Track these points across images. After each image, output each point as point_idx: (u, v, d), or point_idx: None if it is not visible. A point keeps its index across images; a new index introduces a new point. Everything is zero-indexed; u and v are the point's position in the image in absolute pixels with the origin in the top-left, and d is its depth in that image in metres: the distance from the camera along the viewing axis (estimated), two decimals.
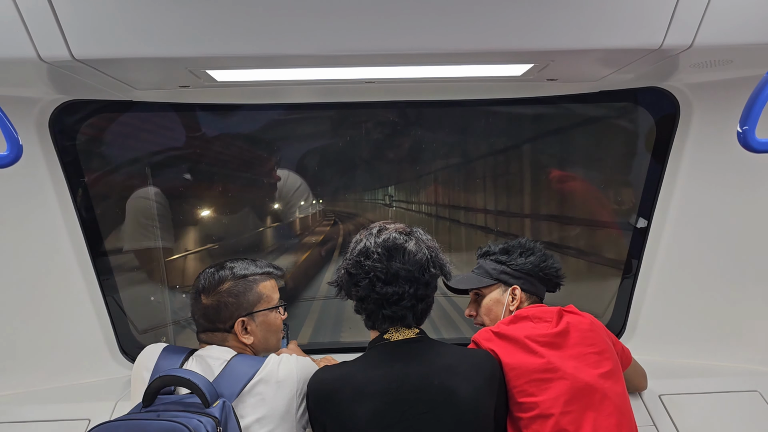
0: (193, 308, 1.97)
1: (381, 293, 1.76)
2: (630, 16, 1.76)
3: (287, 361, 1.88)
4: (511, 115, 3.17)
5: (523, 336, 1.92)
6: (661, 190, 2.69)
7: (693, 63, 2.12)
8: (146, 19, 1.70)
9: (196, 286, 1.97)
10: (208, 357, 1.86)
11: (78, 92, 2.34)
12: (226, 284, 1.94)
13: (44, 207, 2.47)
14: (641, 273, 2.82)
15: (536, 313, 2.03)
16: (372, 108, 2.93)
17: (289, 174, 3.37)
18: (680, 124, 2.56)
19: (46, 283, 2.56)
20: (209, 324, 1.95)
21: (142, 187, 2.98)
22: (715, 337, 2.72)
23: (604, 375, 1.87)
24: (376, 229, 1.87)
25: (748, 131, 1.15)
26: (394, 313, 1.78)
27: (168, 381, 1.71)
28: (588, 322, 2.00)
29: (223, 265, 2.01)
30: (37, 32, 1.68)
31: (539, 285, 2.21)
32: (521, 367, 1.86)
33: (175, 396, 1.75)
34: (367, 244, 1.80)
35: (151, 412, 1.66)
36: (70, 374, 2.66)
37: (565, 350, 1.91)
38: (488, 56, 1.94)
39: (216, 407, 1.66)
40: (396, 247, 1.78)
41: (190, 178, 3.15)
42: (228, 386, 1.75)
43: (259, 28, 1.76)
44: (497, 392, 1.81)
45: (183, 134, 3.00)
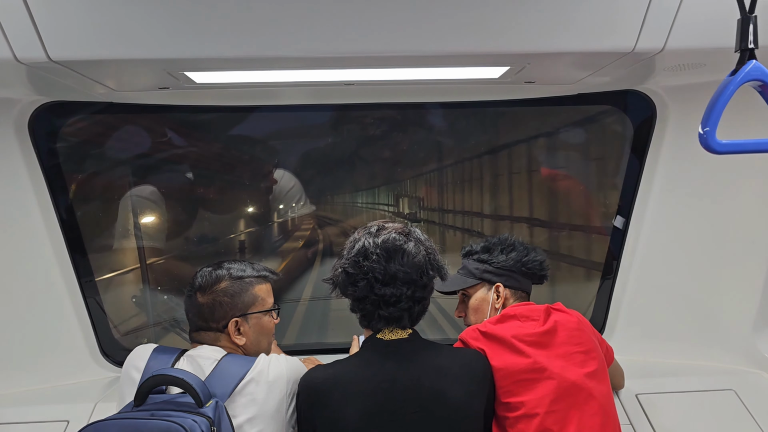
0: (188, 306, 1.97)
1: (379, 294, 1.74)
2: (603, 19, 1.80)
3: (277, 361, 1.89)
4: (490, 119, 3.20)
5: (509, 335, 1.91)
6: (639, 191, 2.72)
7: (667, 66, 2.16)
8: (123, 20, 1.70)
9: (192, 285, 1.97)
10: (199, 357, 1.86)
11: (57, 93, 2.34)
12: (222, 284, 1.95)
13: (24, 208, 2.46)
14: (620, 273, 2.84)
15: (523, 312, 2.02)
16: (351, 110, 2.94)
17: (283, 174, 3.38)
18: (657, 126, 2.60)
19: (26, 284, 2.55)
20: (203, 323, 1.94)
21: (124, 187, 2.98)
22: (691, 337, 2.75)
23: (590, 375, 1.87)
24: (375, 228, 1.84)
25: (709, 133, 1.17)
26: (391, 315, 1.77)
27: (161, 380, 1.71)
28: (576, 321, 2.00)
29: (220, 264, 2.01)
30: (12, 33, 1.68)
31: (523, 280, 2.20)
32: (508, 368, 1.86)
33: (167, 395, 1.74)
34: (366, 244, 1.78)
35: (143, 411, 1.66)
36: (50, 376, 2.64)
37: (552, 349, 1.91)
38: (465, 59, 1.97)
39: (209, 407, 1.65)
40: (395, 248, 1.76)
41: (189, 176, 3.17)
42: (219, 386, 1.75)
43: (236, 30, 1.77)
44: (487, 393, 1.82)
45: (162, 135, 3.00)
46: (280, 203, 3.44)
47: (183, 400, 1.69)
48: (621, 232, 2.84)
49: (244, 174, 3.42)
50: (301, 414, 1.77)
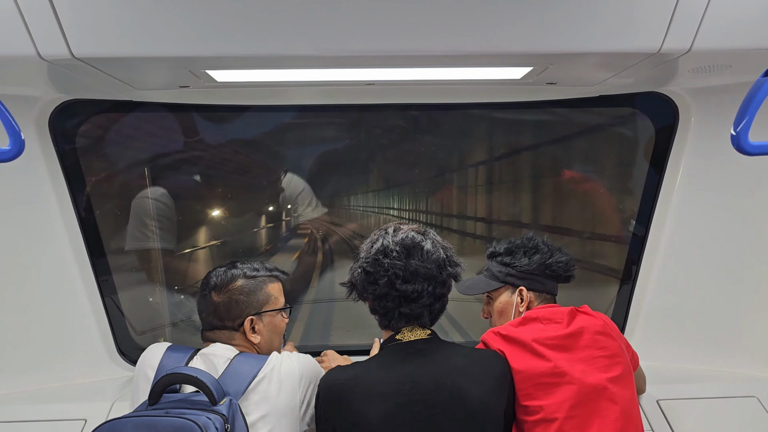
0: (202, 305, 1.99)
1: (400, 290, 1.76)
2: (629, 19, 1.77)
3: (289, 358, 1.90)
4: (510, 121, 3.17)
5: (530, 339, 1.90)
6: (659, 195, 2.69)
7: (692, 68, 2.13)
8: (146, 18, 1.70)
9: (207, 284, 1.99)
10: (212, 355, 1.87)
11: (78, 91, 2.35)
12: (237, 282, 1.98)
13: (43, 206, 2.47)
14: (639, 278, 2.81)
15: (546, 315, 2.00)
16: (372, 111, 2.93)
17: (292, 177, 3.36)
18: (679, 129, 2.57)
19: (45, 282, 2.56)
20: (218, 321, 1.96)
21: (142, 187, 2.98)
22: (713, 343, 2.72)
23: (613, 379, 1.84)
24: (392, 228, 1.87)
25: (742, 134, 1.15)
26: (412, 311, 1.78)
27: (175, 379, 1.71)
28: (601, 324, 1.97)
29: (234, 264, 2.05)
30: (37, 30, 1.68)
31: (547, 282, 2.17)
32: (527, 371, 1.84)
33: (181, 394, 1.75)
34: (385, 243, 1.81)
35: (158, 410, 1.66)
36: (68, 374, 2.65)
37: (574, 353, 1.88)
38: (488, 58, 1.95)
39: (223, 405, 1.66)
40: (414, 245, 1.79)
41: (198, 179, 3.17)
42: (233, 384, 1.76)
43: (258, 29, 1.76)
44: (507, 394, 1.81)
45: (182, 135, 3.00)
46: (288, 206, 3.43)
47: (197, 398, 1.70)
48: (640, 236, 2.81)
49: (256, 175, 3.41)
50: (320, 415, 1.76)
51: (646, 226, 2.76)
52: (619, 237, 3.12)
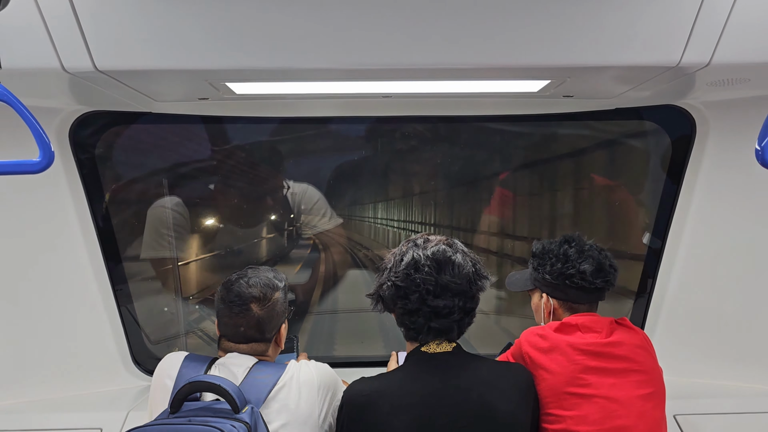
0: (236, 320, 1.90)
1: (431, 306, 1.73)
2: (648, 33, 1.77)
3: (307, 366, 1.91)
4: (527, 132, 3.17)
5: (566, 344, 1.88)
6: (676, 209, 2.67)
7: (710, 81, 2.12)
8: (168, 31, 1.73)
9: (243, 296, 1.90)
10: (232, 365, 1.87)
11: (98, 103, 2.38)
12: (277, 294, 1.96)
13: (62, 216, 2.49)
14: (656, 292, 2.79)
15: (586, 322, 1.94)
16: (388, 123, 2.94)
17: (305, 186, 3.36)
18: (696, 143, 2.56)
19: (61, 291, 2.58)
20: (259, 334, 1.92)
21: (159, 197, 3.01)
22: (732, 357, 2.69)
23: (643, 397, 1.81)
24: (422, 240, 1.83)
25: (766, 149, 1.15)
26: (442, 326, 1.75)
27: (198, 387, 1.71)
28: (640, 339, 1.94)
29: (256, 272, 1.98)
30: (61, 43, 1.71)
31: (571, 291, 2.03)
32: (556, 375, 1.83)
33: (202, 402, 1.75)
34: (416, 256, 1.76)
35: (180, 418, 1.66)
36: (83, 383, 2.66)
37: (607, 364, 1.85)
38: (506, 71, 1.95)
39: (246, 413, 1.66)
40: (446, 259, 1.75)
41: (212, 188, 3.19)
42: (254, 392, 1.76)
43: (277, 42, 1.78)
44: (532, 407, 1.80)
45: (198, 146, 3.03)
46: (301, 216, 3.44)
47: (219, 406, 1.70)
48: (657, 250, 2.79)
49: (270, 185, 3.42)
50: (344, 427, 1.75)
51: (662, 240, 2.75)
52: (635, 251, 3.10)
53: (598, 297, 2.06)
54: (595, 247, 2.05)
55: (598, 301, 2.08)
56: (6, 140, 2.14)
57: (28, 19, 1.64)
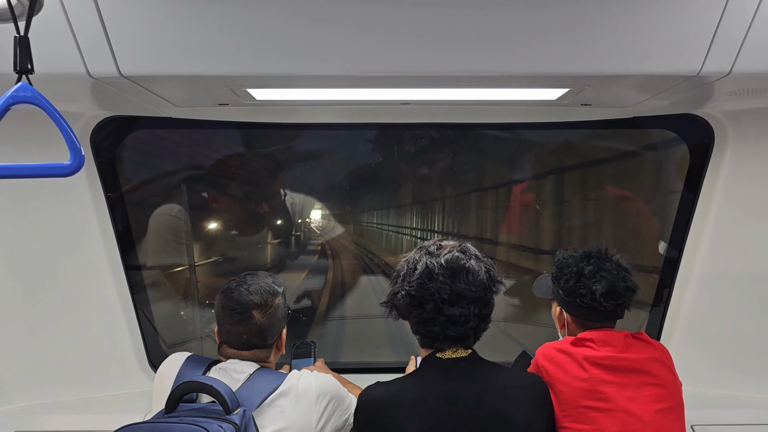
0: (238, 327, 1.90)
1: (447, 315, 1.72)
2: (669, 42, 1.77)
3: (307, 376, 1.92)
4: (544, 140, 3.17)
5: (581, 357, 1.87)
6: (693, 219, 2.66)
7: (729, 90, 2.12)
8: (191, 38, 1.75)
9: (245, 304, 1.90)
10: (233, 371, 1.88)
11: (120, 108, 2.41)
12: (277, 300, 1.97)
13: (82, 219, 2.52)
14: (672, 302, 2.78)
15: (600, 337, 1.93)
16: (406, 129, 2.96)
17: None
18: (715, 152, 2.54)
19: (80, 293, 2.60)
20: (261, 341, 1.93)
21: (177, 201, 3.04)
22: (750, 368, 2.67)
23: (661, 411, 1.80)
24: (434, 247, 1.82)
25: None
26: (459, 334, 1.74)
27: (191, 387, 1.74)
28: (659, 353, 1.93)
29: (255, 278, 1.98)
30: (87, 49, 1.74)
31: (583, 310, 2.00)
32: (573, 391, 1.82)
33: (197, 404, 1.78)
34: (429, 265, 1.75)
35: (173, 417, 1.69)
36: (100, 385, 2.68)
37: (624, 378, 1.84)
38: (525, 80, 1.96)
39: (237, 414, 1.68)
40: (460, 267, 1.74)
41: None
42: (249, 397, 1.78)
43: (299, 49, 1.79)
44: (547, 418, 1.80)
45: (216, 151, 3.06)
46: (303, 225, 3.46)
47: (212, 407, 1.72)
48: (673, 260, 2.78)
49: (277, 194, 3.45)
50: (359, 430, 1.76)
51: (679, 250, 2.73)
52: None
53: (611, 317, 2.01)
54: (615, 265, 1.99)
55: (614, 320, 2.03)
56: (25, 143, 2.18)
57: (55, 25, 1.66)
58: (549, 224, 3.43)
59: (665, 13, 1.72)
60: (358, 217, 3.46)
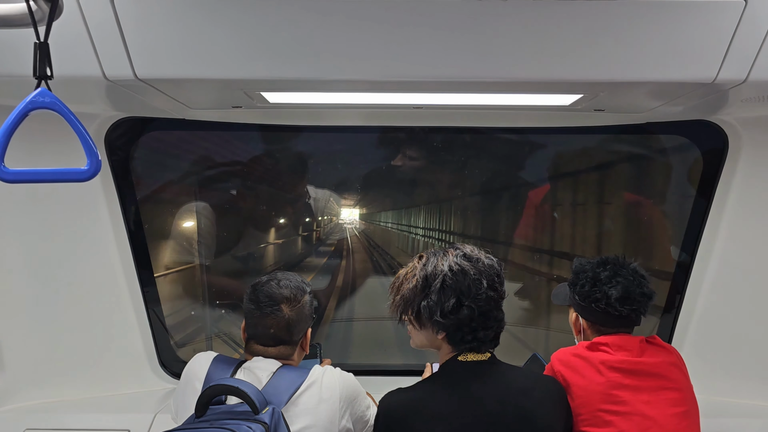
0: (267, 321, 1.90)
1: (495, 317, 1.76)
2: (685, 49, 1.76)
3: (331, 372, 1.92)
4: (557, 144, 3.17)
5: (598, 362, 1.87)
6: (706, 225, 2.65)
7: (744, 98, 2.11)
8: (207, 41, 1.76)
9: (274, 298, 1.91)
10: (257, 369, 1.88)
11: (134, 109, 2.43)
12: (306, 296, 1.98)
13: (96, 220, 2.54)
14: (683, 309, 2.76)
15: (616, 341, 1.92)
16: (417, 133, 2.96)
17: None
18: (728, 158, 2.53)
19: (93, 293, 2.62)
20: (288, 336, 1.93)
21: (190, 201, 3.06)
22: (762, 377, 2.65)
23: (678, 415, 1.81)
24: (470, 253, 1.79)
25: None
26: (486, 337, 1.76)
27: (218, 390, 1.74)
28: (674, 358, 1.93)
29: (286, 276, 2.00)
30: (104, 52, 1.75)
31: (599, 315, 1.99)
32: (589, 395, 1.82)
33: (226, 406, 1.77)
34: (488, 275, 1.74)
35: (204, 422, 1.69)
36: (111, 384, 2.70)
37: (641, 381, 1.84)
38: (540, 85, 1.95)
39: (266, 413, 1.68)
40: (495, 271, 1.78)
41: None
42: (276, 395, 1.78)
43: (313, 54, 1.80)
44: (566, 418, 1.80)
45: (229, 152, 3.07)
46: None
47: (241, 409, 1.72)
48: (686, 265, 2.76)
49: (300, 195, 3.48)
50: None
51: (692, 255, 2.72)
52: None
53: (626, 323, 1.99)
54: (632, 272, 1.98)
55: (630, 326, 2.01)
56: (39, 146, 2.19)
57: (73, 28, 1.68)
58: (564, 227, 3.44)
59: (681, 20, 1.71)
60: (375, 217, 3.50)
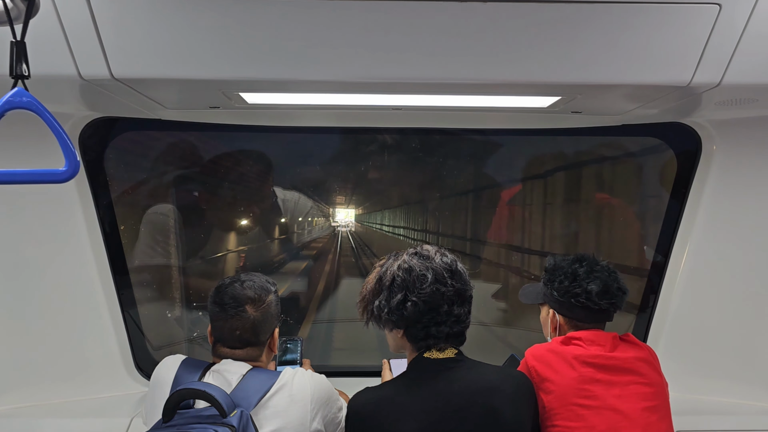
0: (231, 323, 1.89)
1: (456, 315, 1.77)
2: (660, 52, 1.79)
3: (302, 375, 1.90)
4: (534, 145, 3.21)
5: (571, 356, 1.89)
6: (680, 226, 2.69)
7: (718, 101, 2.15)
8: (186, 41, 1.74)
9: (238, 299, 1.89)
10: (226, 372, 1.86)
11: (109, 109, 2.39)
12: (270, 296, 1.96)
13: (70, 221, 2.50)
14: (658, 308, 2.81)
15: (589, 336, 1.96)
16: (395, 134, 2.96)
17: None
18: (702, 160, 2.58)
19: (67, 295, 2.57)
20: (254, 337, 1.91)
21: (164, 202, 3.02)
22: (733, 375, 2.70)
23: (648, 409, 1.83)
24: (424, 252, 1.83)
25: None
26: (460, 332, 1.80)
27: (185, 394, 1.71)
28: (646, 353, 1.96)
29: (250, 276, 1.98)
30: (79, 51, 1.72)
31: (577, 310, 2.04)
32: (563, 390, 1.84)
33: (194, 410, 1.74)
34: (437, 269, 1.76)
35: (171, 427, 1.67)
36: (86, 388, 2.65)
37: (612, 376, 1.87)
38: (519, 87, 1.97)
39: (234, 417, 1.66)
40: (455, 268, 1.80)
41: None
42: (245, 397, 1.76)
43: (292, 54, 1.79)
44: (533, 414, 1.82)
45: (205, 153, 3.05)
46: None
47: (209, 413, 1.69)
48: (660, 265, 2.81)
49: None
50: None
51: (665, 255, 2.76)
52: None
53: (603, 318, 2.06)
54: (607, 268, 2.06)
55: (604, 322, 2.07)
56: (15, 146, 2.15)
57: (47, 27, 1.65)
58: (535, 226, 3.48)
59: (657, 24, 1.74)
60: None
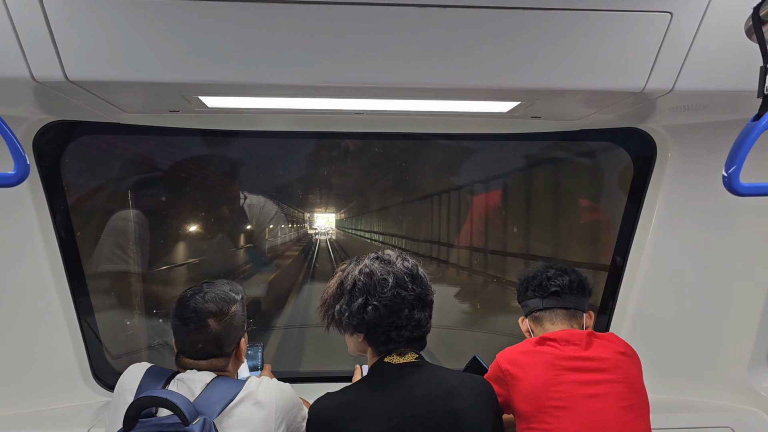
0: (193, 337, 1.85)
1: (417, 319, 1.78)
2: (615, 59, 1.84)
3: (267, 383, 1.88)
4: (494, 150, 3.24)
5: (545, 357, 1.90)
6: (637, 227, 2.75)
7: (671, 106, 2.21)
8: (143, 44, 1.71)
9: (200, 312, 1.85)
10: (190, 380, 1.83)
11: (65, 113, 2.34)
12: (234, 307, 1.91)
13: (23, 227, 2.43)
14: (617, 309, 2.86)
15: (564, 336, 1.96)
16: (358, 138, 2.97)
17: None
18: (657, 164, 2.65)
19: (20, 303, 2.51)
20: (217, 350, 1.88)
21: (123, 208, 2.96)
22: (688, 374, 2.77)
23: (624, 408, 1.83)
24: (386, 257, 1.84)
25: (733, 176, 1.20)
26: (420, 336, 1.82)
27: (146, 402, 1.68)
28: (622, 350, 1.96)
29: (211, 286, 1.94)
30: (32, 53, 1.68)
31: (531, 302, 2.11)
32: (537, 391, 1.85)
33: (156, 419, 1.71)
34: (398, 274, 1.78)
35: None
36: (42, 399, 2.58)
37: (588, 375, 1.87)
38: (478, 92, 2.00)
39: (196, 425, 1.63)
40: (417, 273, 1.81)
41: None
42: (208, 406, 1.73)
43: (253, 58, 1.78)
44: (494, 417, 1.82)
45: (163, 158, 3.00)
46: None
47: (171, 421, 1.67)
48: (618, 266, 2.86)
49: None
50: None
51: (623, 257, 2.82)
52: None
53: (573, 316, 2.07)
54: (572, 270, 2.13)
55: (575, 320, 2.08)
56: None
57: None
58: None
59: (612, 32, 1.78)
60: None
